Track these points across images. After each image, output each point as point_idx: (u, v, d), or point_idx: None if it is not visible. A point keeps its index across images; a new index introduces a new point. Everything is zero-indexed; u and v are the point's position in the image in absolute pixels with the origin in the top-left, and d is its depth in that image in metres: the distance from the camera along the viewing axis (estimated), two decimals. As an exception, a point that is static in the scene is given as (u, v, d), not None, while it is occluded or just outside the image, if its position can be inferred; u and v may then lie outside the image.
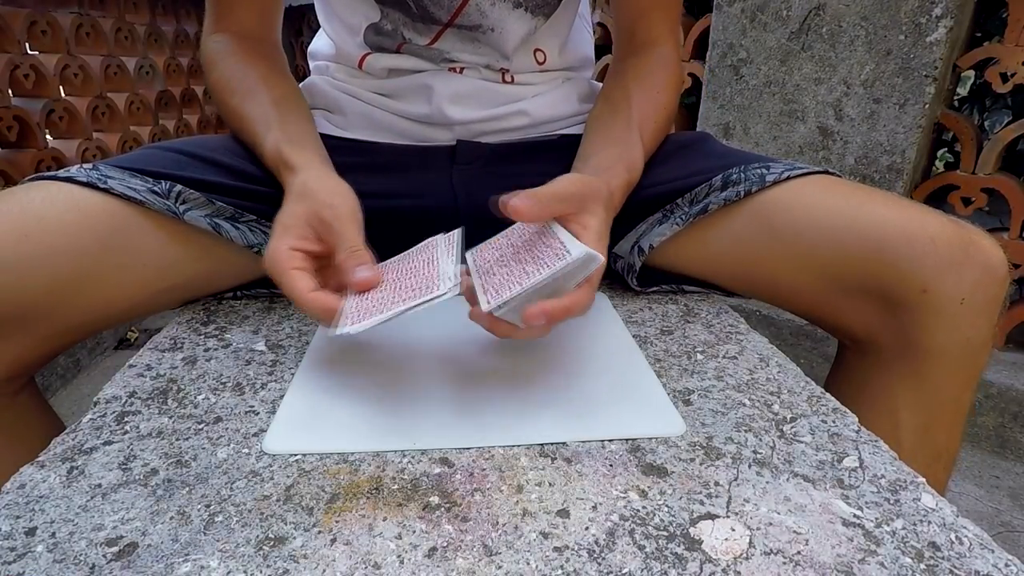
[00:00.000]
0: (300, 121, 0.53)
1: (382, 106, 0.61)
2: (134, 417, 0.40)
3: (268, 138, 0.50)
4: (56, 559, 0.28)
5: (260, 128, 0.51)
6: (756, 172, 0.53)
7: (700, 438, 0.37)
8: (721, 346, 0.49)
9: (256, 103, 0.53)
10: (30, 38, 1.50)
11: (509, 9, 0.56)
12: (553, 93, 0.63)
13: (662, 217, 0.56)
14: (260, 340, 0.50)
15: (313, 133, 0.53)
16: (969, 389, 0.49)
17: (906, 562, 0.28)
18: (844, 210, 0.49)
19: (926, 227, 0.46)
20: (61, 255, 0.44)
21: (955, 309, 0.45)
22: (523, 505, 0.32)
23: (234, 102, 0.54)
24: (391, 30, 0.57)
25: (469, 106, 0.60)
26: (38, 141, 1.48)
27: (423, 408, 0.40)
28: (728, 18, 1.35)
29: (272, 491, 0.33)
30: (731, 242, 0.54)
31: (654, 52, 0.59)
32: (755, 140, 1.39)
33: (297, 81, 0.64)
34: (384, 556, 0.29)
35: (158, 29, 2.00)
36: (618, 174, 0.50)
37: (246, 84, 0.54)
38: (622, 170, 0.50)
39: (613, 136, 0.54)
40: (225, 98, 0.55)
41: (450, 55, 0.59)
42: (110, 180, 0.47)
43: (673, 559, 0.28)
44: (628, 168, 0.51)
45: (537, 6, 0.58)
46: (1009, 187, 1.19)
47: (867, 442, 0.37)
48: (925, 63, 1.15)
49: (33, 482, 0.34)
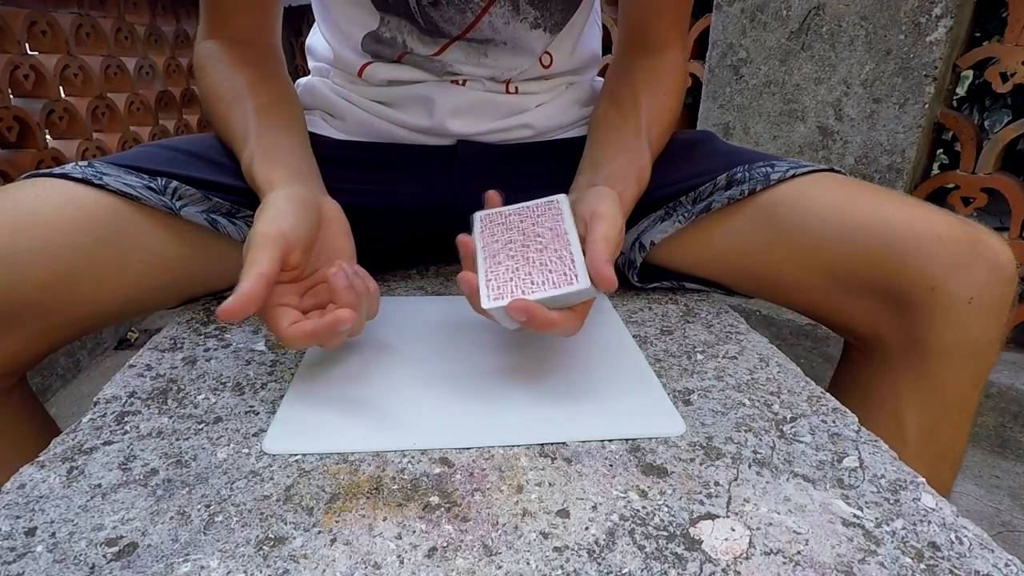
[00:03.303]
0: (279, 130, 0.51)
1: (382, 115, 0.60)
2: (134, 417, 0.40)
3: (244, 152, 0.49)
4: (56, 559, 0.28)
5: (239, 140, 0.50)
6: (761, 171, 0.53)
7: (700, 438, 0.37)
8: (721, 346, 0.49)
9: (238, 111, 0.51)
10: (30, 38, 1.50)
11: (526, 30, 0.56)
12: (556, 102, 0.63)
13: (665, 214, 0.56)
14: (260, 340, 0.50)
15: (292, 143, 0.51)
16: (976, 389, 0.49)
17: (906, 562, 0.28)
18: (851, 208, 0.49)
19: (934, 225, 0.46)
20: (55, 250, 0.43)
21: (963, 308, 0.45)
22: (523, 505, 0.32)
23: (219, 109, 0.53)
24: (390, 38, 0.56)
25: (471, 119, 0.60)
26: (38, 141, 1.48)
27: (423, 408, 0.40)
28: (728, 18, 1.35)
29: (272, 491, 0.33)
30: (735, 240, 0.54)
31: (664, 55, 0.59)
32: (755, 140, 1.39)
33: (296, 79, 0.63)
34: (384, 556, 0.29)
35: (158, 29, 2.00)
36: (630, 186, 0.50)
37: (232, 91, 0.53)
38: (633, 182, 0.50)
39: (624, 144, 0.54)
40: (212, 105, 0.54)
41: (453, 67, 0.58)
42: (105, 177, 0.47)
43: (673, 559, 0.28)
44: (639, 179, 0.51)
45: (556, 24, 0.57)
46: (1009, 187, 1.19)
47: (867, 442, 0.37)
48: (925, 63, 1.15)
49: (33, 482, 0.34)
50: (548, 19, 0.56)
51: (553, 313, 0.37)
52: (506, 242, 0.40)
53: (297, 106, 0.56)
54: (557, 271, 0.37)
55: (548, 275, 0.37)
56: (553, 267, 0.37)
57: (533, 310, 0.36)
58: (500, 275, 0.38)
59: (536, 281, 0.37)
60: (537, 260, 0.38)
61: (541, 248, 0.39)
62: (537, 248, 0.39)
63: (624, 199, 0.48)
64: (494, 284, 0.38)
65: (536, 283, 0.37)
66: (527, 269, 0.38)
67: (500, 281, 0.38)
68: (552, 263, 0.38)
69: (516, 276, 0.38)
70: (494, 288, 0.38)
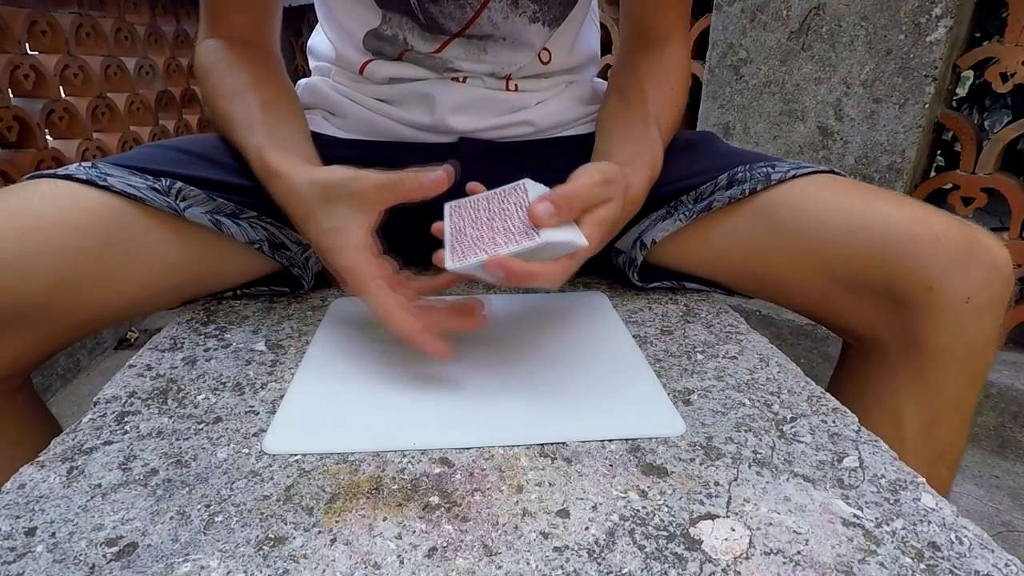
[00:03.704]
0: (287, 123, 0.52)
1: (383, 113, 0.60)
2: (134, 417, 0.40)
3: (252, 142, 0.49)
4: (56, 559, 0.28)
5: (244, 132, 0.50)
6: (762, 171, 0.53)
7: (700, 438, 0.37)
8: (721, 346, 0.49)
9: (243, 106, 0.52)
10: (30, 38, 1.50)
11: (525, 24, 0.56)
12: (556, 100, 0.63)
13: (666, 213, 0.56)
14: (260, 340, 0.50)
15: (301, 135, 0.52)
16: (974, 389, 0.49)
17: (906, 562, 0.28)
18: (849, 208, 0.49)
19: (932, 226, 0.46)
20: (60, 253, 0.43)
21: (960, 308, 0.45)
22: (523, 505, 0.32)
23: (222, 105, 0.53)
24: (392, 35, 0.57)
25: (472, 116, 0.60)
26: (38, 141, 1.48)
27: (423, 408, 0.40)
28: (728, 18, 1.35)
29: (272, 491, 0.33)
30: (735, 240, 0.54)
31: (667, 48, 0.59)
32: (755, 140, 1.39)
33: (297, 80, 0.64)
34: (384, 556, 0.29)
35: (158, 29, 2.00)
36: (639, 168, 0.50)
37: (235, 87, 0.53)
38: (643, 165, 0.50)
39: (632, 134, 0.54)
40: (215, 101, 0.54)
41: (454, 64, 0.58)
42: (110, 178, 0.47)
43: (673, 559, 0.28)
44: (650, 164, 0.51)
45: (554, 19, 0.57)
46: (1009, 187, 1.19)
47: (867, 442, 0.37)
48: (925, 63, 1.15)
49: (33, 482, 0.34)
50: (547, 13, 0.56)
51: (532, 264, 0.37)
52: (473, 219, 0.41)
53: (299, 104, 0.57)
54: (519, 231, 0.38)
55: (511, 235, 0.38)
56: (515, 229, 0.38)
57: (508, 263, 0.36)
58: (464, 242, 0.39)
59: (499, 243, 0.38)
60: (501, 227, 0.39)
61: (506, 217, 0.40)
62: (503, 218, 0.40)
63: (633, 182, 0.47)
64: (459, 249, 0.39)
65: (499, 244, 0.38)
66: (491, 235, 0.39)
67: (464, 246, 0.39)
68: (516, 227, 0.39)
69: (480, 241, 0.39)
70: (458, 252, 0.39)
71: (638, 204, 0.51)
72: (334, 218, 0.42)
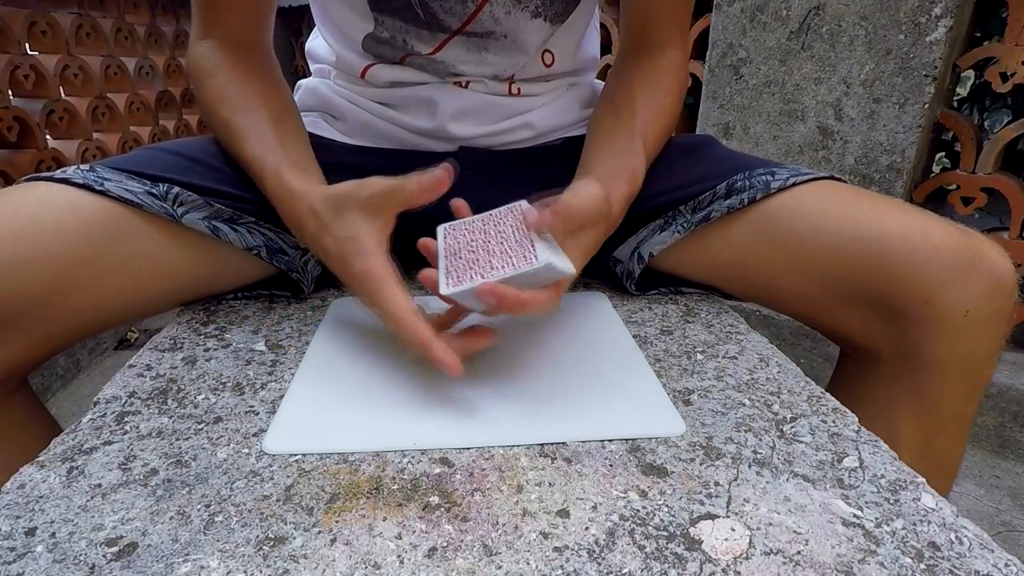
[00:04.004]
0: (296, 139, 0.52)
1: (384, 116, 0.60)
2: (134, 417, 0.40)
3: (268, 160, 0.48)
4: (56, 559, 0.28)
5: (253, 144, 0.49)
6: (761, 179, 0.52)
7: (700, 438, 0.37)
8: (721, 346, 0.49)
9: (250, 118, 0.51)
10: (30, 38, 1.50)
11: (527, 19, 0.55)
12: (557, 102, 0.62)
13: (663, 224, 0.56)
14: (260, 340, 0.50)
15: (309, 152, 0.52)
16: (972, 402, 0.48)
17: (906, 562, 0.28)
18: (847, 217, 0.48)
19: (931, 236, 0.45)
20: (56, 258, 0.43)
21: (958, 321, 0.44)
22: (523, 505, 0.32)
23: (223, 113, 0.52)
24: (389, 38, 0.56)
25: (473, 122, 0.60)
26: (38, 141, 1.48)
27: (423, 408, 0.40)
28: (728, 18, 1.35)
29: (272, 491, 0.33)
30: (732, 248, 0.54)
31: (663, 55, 0.59)
32: (755, 140, 1.39)
33: (297, 80, 0.63)
34: (384, 556, 0.29)
35: (158, 29, 2.00)
36: (619, 186, 0.49)
37: (238, 96, 0.52)
38: (623, 182, 0.50)
39: (616, 147, 0.53)
40: (215, 107, 0.53)
41: (455, 68, 0.58)
42: (107, 182, 0.47)
43: (673, 559, 0.28)
44: (629, 180, 0.51)
45: (556, 15, 0.57)
46: (1009, 187, 1.19)
47: (867, 442, 0.37)
48: (925, 63, 1.15)
49: (33, 482, 0.34)
50: (549, 8, 0.56)
51: (525, 292, 0.37)
52: (468, 241, 0.40)
53: (299, 115, 0.57)
54: (517, 255, 0.37)
55: (508, 259, 0.37)
56: (513, 253, 0.38)
57: (500, 290, 0.35)
58: (460, 266, 0.39)
59: (495, 266, 0.37)
60: (498, 250, 0.38)
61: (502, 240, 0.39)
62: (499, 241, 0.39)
63: (613, 199, 0.47)
64: (453, 273, 0.38)
65: (496, 267, 0.37)
66: (487, 258, 0.38)
67: (459, 270, 0.38)
68: (513, 250, 0.38)
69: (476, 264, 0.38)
70: (453, 276, 0.38)
71: (617, 223, 0.50)
72: (348, 227, 0.42)
